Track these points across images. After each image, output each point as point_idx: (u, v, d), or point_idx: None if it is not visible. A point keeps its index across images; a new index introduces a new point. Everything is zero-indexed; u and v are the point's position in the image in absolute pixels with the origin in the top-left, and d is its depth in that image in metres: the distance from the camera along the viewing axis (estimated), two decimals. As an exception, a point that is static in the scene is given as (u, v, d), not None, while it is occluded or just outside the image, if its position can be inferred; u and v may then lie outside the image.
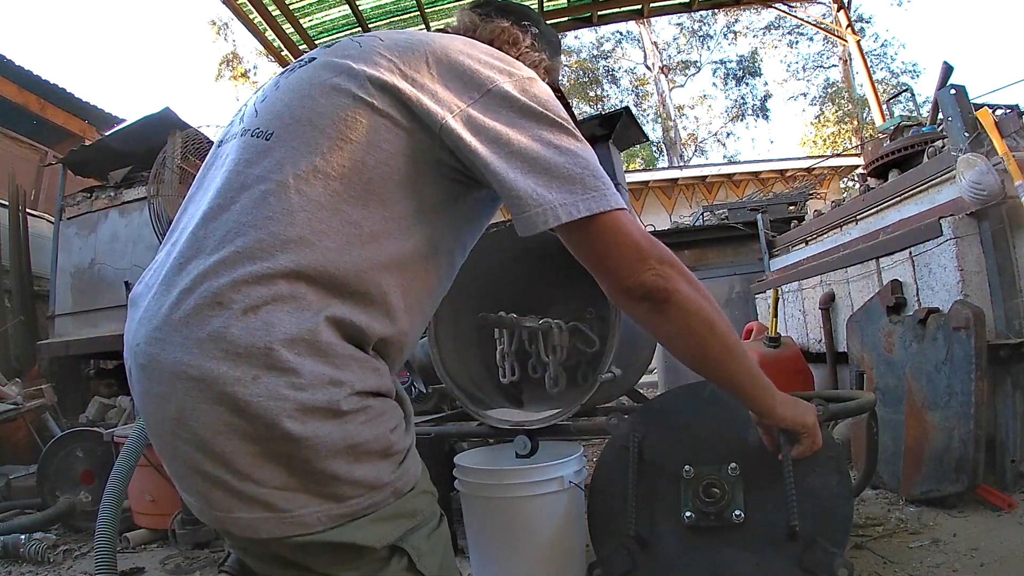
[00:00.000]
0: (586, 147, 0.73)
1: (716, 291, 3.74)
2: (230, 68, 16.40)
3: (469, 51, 0.76)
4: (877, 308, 1.96)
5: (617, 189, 0.73)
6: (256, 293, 0.60)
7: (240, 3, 5.32)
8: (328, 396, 0.60)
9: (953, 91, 1.88)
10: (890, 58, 16.66)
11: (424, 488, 0.72)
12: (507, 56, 0.81)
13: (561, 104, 1.02)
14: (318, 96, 0.70)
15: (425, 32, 0.82)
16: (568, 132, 0.73)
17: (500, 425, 1.42)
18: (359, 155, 0.67)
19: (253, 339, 0.59)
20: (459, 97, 0.71)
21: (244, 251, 0.62)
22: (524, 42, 0.96)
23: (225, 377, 0.58)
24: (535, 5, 6.34)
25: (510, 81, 0.74)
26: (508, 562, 1.30)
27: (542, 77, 0.94)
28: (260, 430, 0.58)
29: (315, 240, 0.63)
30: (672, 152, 17.34)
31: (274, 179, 0.65)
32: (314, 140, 0.67)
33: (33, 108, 6.35)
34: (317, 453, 0.59)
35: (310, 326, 0.60)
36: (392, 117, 0.69)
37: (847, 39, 6.69)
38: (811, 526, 1.02)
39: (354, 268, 0.64)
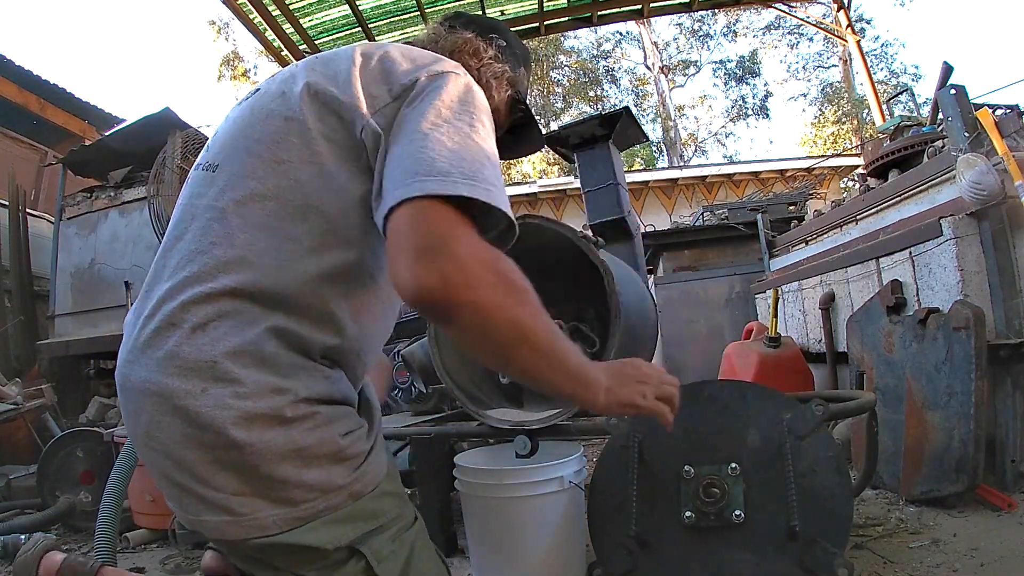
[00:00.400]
0: (474, 146, 0.68)
1: (716, 291, 3.74)
2: (230, 68, 16.40)
3: (392, 56, 0.77)
4: (877, 308, 1.96)
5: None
6: (202, 312, 0.66)
7: (240, 3, 5.32)
8: (271, 404, 0.63)
9: (953, 91, 1.88)
10: (890, 58, 16.66)
11: (388, 490, 0.73)
12: (429, 54, 0.80)
13: (523, 115, 1.05)
14: (256, 124, 0.75)
15: (359, 44, 0.82)
16: (460, 126, 0.69)
17: (500, 425, 1.42)
18: (294, 174, 0.70)
19: (200, 354, 0.64)
20: (374, 102, 0.72)
21: (192, 275, 0.68)
22: (487, 53, 0.96)
23: (179, 391, 0.63)
24: (535, 5, 6.35)
25: (425, 79, 0.73)
26: (508, 562, 1.30)
27: (504, 88, 0.98)
28: (211, 438, 0.63)
29: (254, 259, 0.67)
30: (672, 152, 17.33)
31: (217, 207, 0.71)
32: (251, 166, 0.72)
33: (33, 108, 6.35)
34: (263, 458, 0.63)
35: (253, 338, 0.65)
36: (322, 132, 0.72)
37: (847, 39, 6.69)
38: (811, 526, 1.02)
39: (294, 282, 0.67)
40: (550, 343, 0.68)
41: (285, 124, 0.73)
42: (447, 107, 0.71)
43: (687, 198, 10.36)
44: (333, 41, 6.30)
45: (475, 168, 0.66)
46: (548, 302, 0.94)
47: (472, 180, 0.65)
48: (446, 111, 0.71)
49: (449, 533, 1.61)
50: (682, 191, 10.49)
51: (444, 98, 0.72)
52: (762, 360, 2.49)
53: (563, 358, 0.70)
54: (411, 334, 2.69)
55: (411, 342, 2.43)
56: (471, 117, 0.72)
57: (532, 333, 0.66)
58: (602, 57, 18.83)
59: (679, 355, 3.70)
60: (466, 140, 0.69)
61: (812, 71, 17.59)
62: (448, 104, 0.72)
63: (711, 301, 3.74)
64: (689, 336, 3.71)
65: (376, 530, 0.69)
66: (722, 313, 3.71)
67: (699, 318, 3.73)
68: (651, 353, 1.91)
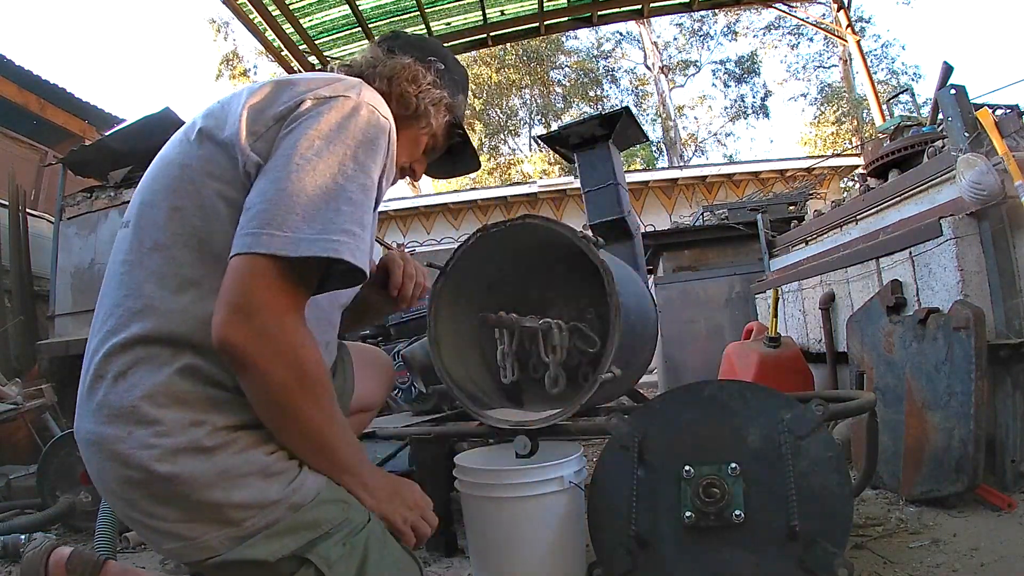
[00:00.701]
0: (336, 187, 0.72)
1: (716, 291, 3.74)
2: (230, 67, 16.40)
3: (286, 83, 0.80)
4: (877, 308, 1.96)
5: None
6: (121, 361, 0.71)
7: (240, 3, 5.32)
8: (190, 437, 0.68)
9: (953, 91, 1.88)
10: (890, 58, 16.66)
11: (331, 498, 0.76)
12: (327, 77, 0.82)
13: (460, 139, 1.09)
14: (159, 175, 0.80)
15: (270, 79, 0.84)
16: (330, 161, 0.72)
17: (500, 425, 1.42)
18: (189, 220, 0.75)
19: (122, 401, 0.70)
20: (256, 130, 0.75)
21: (112, 328, 0.74)
22: (425, 79, 0.98)
23: (110, 437, 0.70)
24: (535, 5, 6.35)
25: (310, 103, 0.76)
26: (508, 562, 1.30)
27: (443, 114, 1.02)
28: (143, 476, 0.68)
29: (159, 305, 0.72)
30: (672, 152, 17.33)
31: (129, 261, 0.77)
32: (154, 218, 0.76)
33: (33, 108, 6.35)
34: (192, 487, 0.68)
35: (166, 380, 0.70)
36: (211, 172, 0.76)
37: (847, 39, 6.69)
38: (811, 526, 1.02)
39: (197, 323, 0.71)
40: (319, 434, 0.75)
41: (180, 171, 0.77)
42: (322, 137, 0.74)
43: (687, 198, 10.37)
44: (333, 41, 6.30)
45: (329, 216, 0.70)
46: (548, 302, 0.97)
47: (321, 233, 0.69)
48: (319, 142, 0.73)
49: (449, 533, 1.61)
50: (682, 191, 10.49)
51: (321, 126, 0.74)
52: (762, 360, 2.49)
53: (331, 450, 0.76)
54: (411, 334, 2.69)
55: (411, 342, 2.43)
56: (344, 149, 0.74)
57: (305, 420, 0.73)
58: (602, 57, 18.84)
59: (679, 355, 3.70)
60: (330, 180, 0.72)
61: (812, 71, 17.61)
62: (324, 133, 0.74)
63: (711, 301, 3.74)
64: (689, 336, 3.71)
65: (321, 537, 0.72)
66: (722, 313, 3.71)
67: (699, 318, 3.72)
68: (651, 354, 1.91)
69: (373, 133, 0.78)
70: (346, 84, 0.80)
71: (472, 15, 6.41)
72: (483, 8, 6.25)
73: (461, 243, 1.56)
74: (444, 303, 1.59)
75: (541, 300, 1.79)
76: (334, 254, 0.70)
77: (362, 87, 0.82)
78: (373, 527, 0.78)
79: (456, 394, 1.53)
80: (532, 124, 18.54)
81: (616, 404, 2.01)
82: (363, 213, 0.75)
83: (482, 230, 1.53)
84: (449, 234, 10.52)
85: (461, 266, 1.57)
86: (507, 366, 1.59)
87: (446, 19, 6.42)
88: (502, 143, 18.55)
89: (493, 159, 17.98)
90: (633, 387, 2.12)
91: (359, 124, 0.76)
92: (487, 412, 1.49)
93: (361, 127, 0.76)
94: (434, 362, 1.56)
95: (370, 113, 0.78)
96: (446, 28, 6.52)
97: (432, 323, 1.58)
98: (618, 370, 1.36)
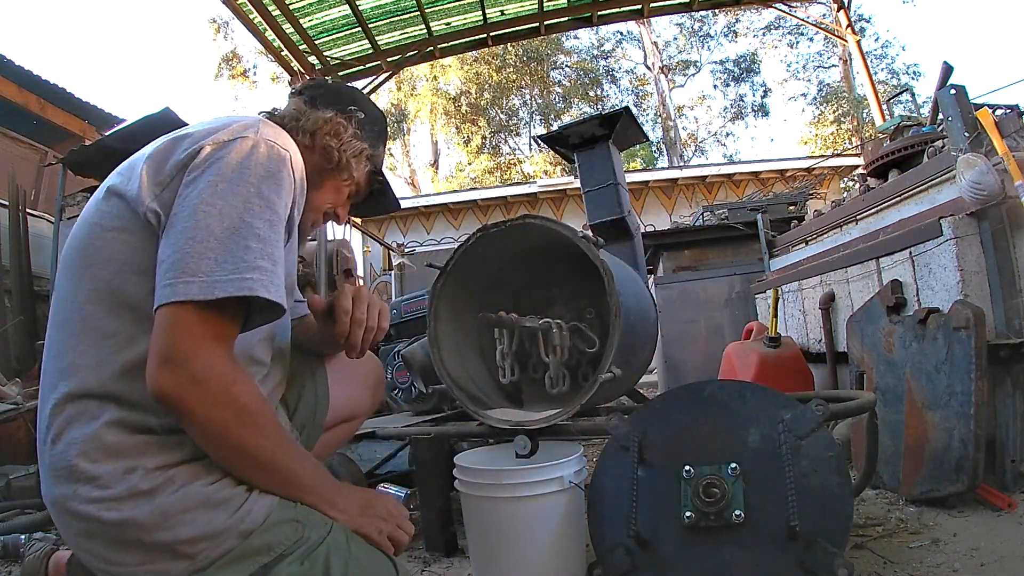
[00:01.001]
0: (244, 226, 0.74)
1: (716, 291, 3.74)
2: (229, 67, 16.39)
3: (187, 133, 0.82)
4: (877, 308, 1.96)
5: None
6: (57, 421, 0.74)
7: (240, 3, 5.32)
8: (128, 484, 0.71)
9: (953, 91, 1.87)
10: (890, 58, 16.65)
11: (282, 519, 0.77)
12: (227, 121, 0.84)
13: (379, 185, 1.12)
14: (74, 237, 0.82)
15: (162, 138, 0.86)
16: (234, 202, 0.75)
17: (500, 425, 1.42)
18: (100, 274, 0.77)
19: (62, 462, 0.73)
20: (159, 181, 0.78)
21: (46, 389, 0.77)
22: (347, 132, 1.00)
23: (61, 496, 0.73)
24: (535, 5, 6.34)
25: (210, 148, 0.78)
26: (508, 562, 1.30)
27: (364, 165, 1.04)
28: (96, 527, 0.71)
29: (80, 362, 0.75)
30: (672, 152, 17.33)
31: (56, 323, 0.80)
32: (70, 279, 0.79)
33: (33, 108, 6.35)
34: (141, 530, 0.71)
35: (95, 434, 0.72)
36: (118, 227, 0.78)
37: (847, 39, 6.69)
38: (811, 526, 1.02)
39: (116, 374, 0.74)
40: (272, 462, 0.77)
41: (90, 229, 0.80)
42: (224, 179, 0.76)
43: (687, 198, 10.37)
44: (333, 41, 6.31)
45: (239, 255, 0.73)
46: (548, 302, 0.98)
47: (233, 272, 0.72)
48: (223, 184, 0.75)
49: (449, 533, 1.61)
50: (682, 191, 10.49)
51: (223, 169, 0.76)
52: (762, 360, 2.49)
53: (287, 475, 0.79)
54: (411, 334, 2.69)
55: (411, 342, 2.42)
56: (247, 187, 0.76)
57: (254, 452, 0.76)
58: (602, 57, 18.84)
59: (679, 355, 3.70)
60: (236, 220, 0.74)
61: (812, 71, 17.60)
62: (226, 176, 0.76)
63: (711, 301, 3.73)
64: (689, 336, 3.70)
65: (275, 560, 0.75)
66: (722, 313, 3.71)
67: (699, 318, 3.72)
68: (651, 354, 1.91)
69: (274, 166, 0.80)
70: (243, 124, 0.83)
71: (472, 15, 6.41)
72: (483, 8, 6.25)
73: (461, 243, 1.56)
74: (444, 303, 1.60)
75: (541, 300, 1.79)
76: (249, 292, 0.73)
77: (260, 124, 0.84)
78: (333, 539, 0.80)
79: (456, 394, 1.53)
80: (532, 124, 18.55)
81: (616, 404, 2.01)
82: (272, 248, 0.77)
83: (482, 230, 1.53)
84: (449, 234, 10.52)
85: (461, 266, 1.57)
86: (507, 366, 1.59)
87: (446, 19, 6.42)
88: (502, 143, 18.55)
89: (493, 159, 17.99)
90: (633, 387, 2.12)
91: (259, 160, 0.79)
92: (487, 412, 1.49)
93: (262, 162, 0.79)
94: (434, 362, 1.56)
95: (269, 148, 0.81)
96: (446, 28, 6.52)
97: (432, 323, 1.58)
98: (618, 370, 1.36)
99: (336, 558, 0.78)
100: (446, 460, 1.55)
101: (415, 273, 6.77)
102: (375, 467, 2.03)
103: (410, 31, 6.45)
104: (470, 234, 1.55)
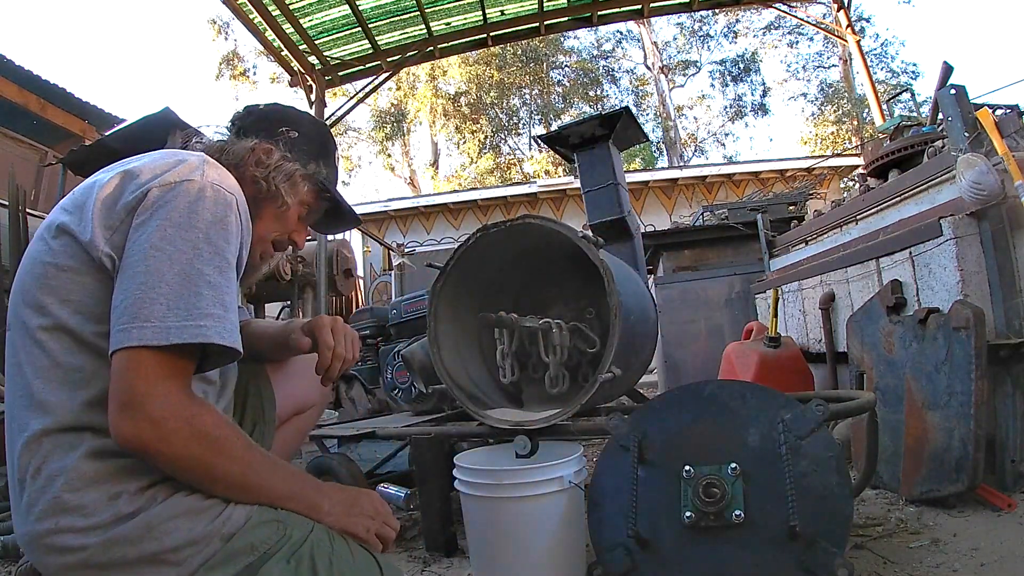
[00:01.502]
0: (194, 272, 0.76)
1: (716, 291, 3.74)
2: (230, 67, 16.39)
3: (133, 172, 0.82)
4: (877, 308, 1.96)
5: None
6: (35, 457, 0.74)
7: (240, 3, 5.32)
8: (113, 510, 0.72)
9: (953, 91, 1.87)
10: (890, 58, 16.65)
11: (263, 519, 0.79)
12: (170, 161, 0.84)
13: (328, 203, 1.09)
14: (25, 274, 0.82)
15: (118, 167, 0.86)
16: (183, 248, 0.76)
17: (500, 425, 1.42)
18: (56, 313, 0.77)
19: (45, 495, 0.73)
20: (110, 223, 0.78)
21: (18, 428, 0.77)
22: (272, 158, 0.98)
23: (42, 532, 0.73)
24: (535, 5, 6.35)
25: (156, 191, 0.79)
26: (508, 562, 1.30)
27: (302, 185, 1.02)
28: (80, 557, 0.72)
29: (49, 398, 0.75)
30: (672, 152, 17.33)
31: (16, 363, 0.79)
32: (24, 317, 0.79)
33: (33, 108, 6.35)
34: (127, 544, 0.72)
35: (74, 465, 0.73)
36: (71, 267, 0.78)
37: (847, 39, 6.69)
38: (811, 526, 1.02)
39: (86, 407, 0.75)
40: (244, 481, 0.79)
41: (43, 268, 0.79)
42: (173, 224, 0.77)
43: (687, 198, 10.37)
44: (333, 41, 6.30)
45: (191, 301, 0.75)
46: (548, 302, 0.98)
47: (186, 319, 0.74)
48: (171, 230, 0.77)
49: (449, 533, 1.61)
50: (682, 191, 10.50)
51: (172, 215, 0.78)
52: (762, 360, 2.49)
53: (262, 489, 0.81)
54: (411, 334, 2.69)
55: (411, 342, 2.43)
56: (196, 233, 0.78)
57: (224, 476, 0.77)
58: (602, 57, 18.84)
59: (679, 355, 3.70)
60: (187, 266, 0.76)
61: (812, 71, 17.60)
62: (175, 221, 0.77)
63: (711, 301, 3.73)
64: (689, 336, 3.71)
65: (260, 559, 0.76)
66: (722, 313, 3.71)
67: (699, 318, 3.72)
68: (651, 354, 1.91)
69: (221, 212, 0.81)
70: (189, 165, 0.83)
71: (472, 15, 6.41)
72: (483, 8, 6.25)
73: (461, 243, 1.56)
74: (444, 303, 1.60)
75: (541, 300, 1.79)
76: (203, 339, 0.75)
77: (205, 166, 0.85)
78: (315, 537, 0.81)
79: (456, 394, 1.53)
80: (532, 124, 18.55)
81: (616, 404, 2.01)
82: (223, 294, 0.79)
83: (482, 230, 1.53)
84: (449, 234, 10.53)
85: (461, 266, 1.57)
86: (507, 366, 1.59)
87: (446, 19, 6.42)
88: (502, 143, 18.55)
89: (494, 159, 17.99)
90: (633, 387, 2.13)
91: (207, 206, 0.80)
92: (487, 412, 1.49)
93: (209, 208, 0.80)
94: (434, 362, 1.56)
95: (215, 192, 0.82)
96: (446, 28, 6.52)
97: (432, 323, 1.58)
98: (618, 370, 1.36)
99: (320, 556, 0.79)
100: (446, 460, 1.55)
101: (415, 273, 6.78)
102: (375, 467, 2.03)
103: (410, 31, 6.46)
104: (470, 234, 1.55)
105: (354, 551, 0.84)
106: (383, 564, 0.86)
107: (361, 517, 0.88)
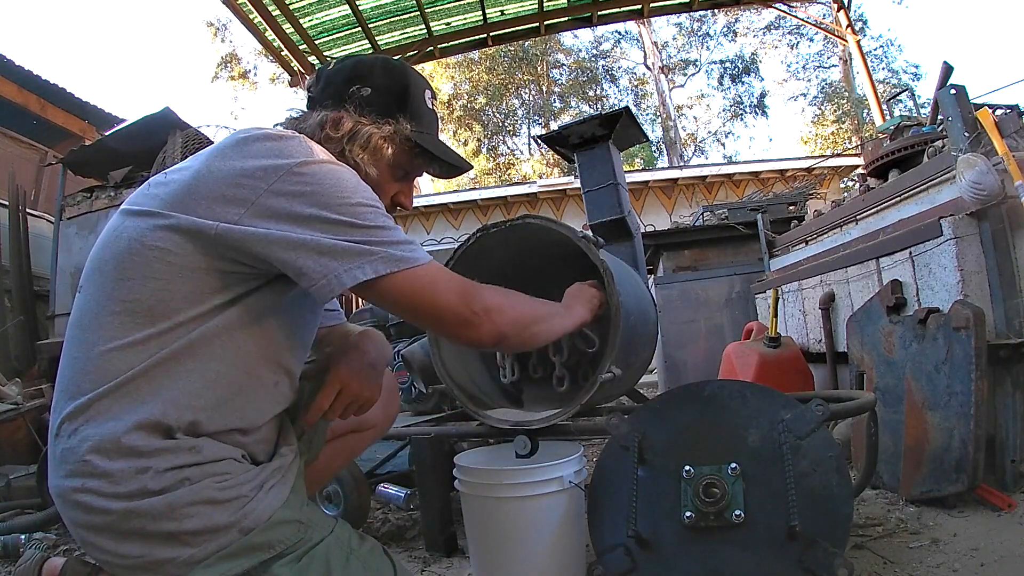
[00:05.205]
0: (370, 212, 0.81)
1: (716, 291, 3.74)
2: (228, 69, 16.39)
3: (233, 167, 0.80)
4: (877, 308, 1.96)
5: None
6: (78, 419, 0.76)
7: (240, 3, 5.32)
8: (139, 483, 0.74)
9: (953, 91, 1.87)
10: (890, 58, 16.66)
11: (284, 519, 0.80)
12: (274, 158, 0.81)
13: (420, 156, 1.02)
14: (109, 244, 0.83)
15: (213, 148, 0.85)
16: (340, 210, 0.79)
17: (500, 425, 1.42)
18: (137, 289, 0.78)
19: (74, 456, 0.75)
20: (229, 210, 0.78)
21: (65, 392, 0.79)
22: (342, 128, 0.93)
23: (69, 489, 0.75)
24: (535, 5, 6.34)
25: (271, 189, 0.79)
26: (508, 562, 1.30)
27: (385, 148, 0.95)
28: (102, 520, 0.74)
29: (108, 367, 0.76)
30: (672, 152, 17.33)
31: (83, 325, 0.80)
32: (103, 285, 0.80)
33: (33, 108, 6.34)
34: (147, 518, 0.73)
35: (114, 435, 0.74)
36: (161, 248, 0.78)
37: (847, 39, 6.69)
38: (811, 526, 1.02)
39: (141, 382, 0.76)
40: (556, 326, 1.09)
41: (128, 244, 0.80)
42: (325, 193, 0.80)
43: (687, 198, 10.36)
44: (333, 41, 6.30)
45: (393, 236, 0.82)
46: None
47: (409, 247, 0.83)
48: (324, 197, 0.80)
49: (449, 533, 1.61)
50: (682, 191, 10.49)
51: (321, 180, 0.80)
52: (762, 360, 2.49)
53: (566, 325, 1.13)
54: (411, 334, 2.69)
55: (411, 342, 2.43)
56: (353, 195, 0.81)
57: (545, 335, 1.05)
58: (601, 57, 18.83)
59: (679, 355, 3.70)
60: (368, 210, 0.82)
61: (812, 71, 17.60)
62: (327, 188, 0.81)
63: (711, 301, 3.73)
64: (689, 336, 3.70)
65: (274, 557, 0.77)
66: (722, 313, 3.71)
67: (699, 318, 3.72)
68: (651, 353, 1.91)
69: (354, 177, 0.85)
70: (308, 146, 0.84)
71: (472, 15, 6.41)
72: (483, 8, 6.25)
73: (461, 243, 1.56)
74: (444, 303, 1.59)
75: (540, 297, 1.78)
76: (426, 260, 0.83)
77: (312, 146, 0.85)
78: (335, 537, 0.82)
79: (456, 394, 1.53)
80: (531, 124, 18.54)
81: (616, 404, 2.01)
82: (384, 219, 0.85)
83: (482, 230, 1.53)
84: (449, 234, 10.51)
85: (461, 266, 1.57)
86: (507, 366, 1.59)
87: (446, 19, 6.42)
88: (501, 143, 18.54)
89: (492, 159, 17.98)
90: (633, 387, 2.12)
91: (346, 174, 0.83)
92: (487, 412, 1.49)
93: (347, 175, 0.83)
94: (434, 362, 1.56)
95: (338, 165, 0.85)
96: (446, 28, 6.52)
97: (432, 323, 1.57)
98: (618, 370, 1.36)
99: (336, 557, 0.80)
100: (446, 460, 1.55)
101: (415, 273, 6.75)
102: (375, 467, 2.03)
103: (410, 31, 6.45)
104: (470, 234, 1.55)
105: (373, 553, 0.85)
106: (399, 569, 0.87)
107: (585, 302, 1.25)
